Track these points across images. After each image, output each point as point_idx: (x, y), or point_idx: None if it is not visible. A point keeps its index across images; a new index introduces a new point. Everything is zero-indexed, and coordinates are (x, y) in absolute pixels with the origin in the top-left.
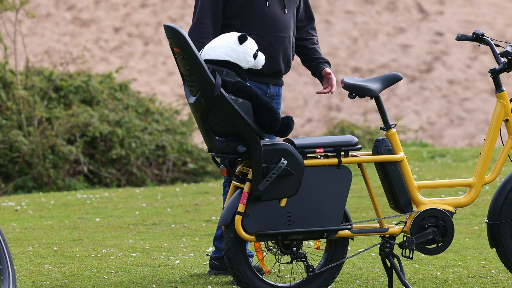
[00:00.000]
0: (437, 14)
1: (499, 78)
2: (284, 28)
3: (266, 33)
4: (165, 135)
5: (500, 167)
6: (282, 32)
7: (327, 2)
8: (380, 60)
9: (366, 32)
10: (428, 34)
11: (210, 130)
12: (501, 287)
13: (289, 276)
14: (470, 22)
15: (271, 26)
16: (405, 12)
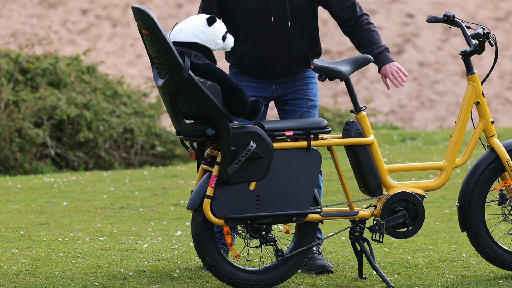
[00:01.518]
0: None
1: (470, 61)
2: (281, 42)
3: (255, 48)
4: (133, 118)
5: (471, 150)
6: (275, 47)
7: None
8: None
9: None
10: (399, 16)
11: (179, 113)
12: (472, 271)
13: (258, 260)
14: (441, 3)
15: (261, 41)
16: None
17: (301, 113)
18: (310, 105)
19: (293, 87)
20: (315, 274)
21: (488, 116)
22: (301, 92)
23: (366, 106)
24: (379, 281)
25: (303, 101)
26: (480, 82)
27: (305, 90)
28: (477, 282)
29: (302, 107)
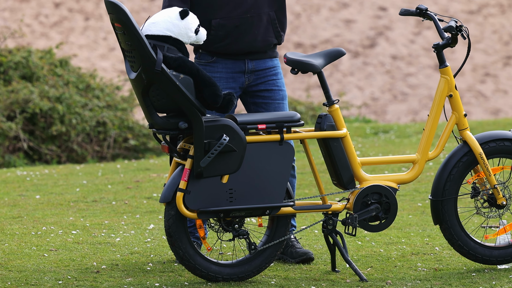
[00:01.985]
0: None
1: (443, 54)
2: (252, 7)
3: (229, 16)
4: (106, 111)
5: (444, 143)
6: (249, 13)
7: None
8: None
9: (309, 7)
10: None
11: (151, 106)
12: (445, 264)
13: (231, 253)
14: None
15: (235, 8)
16: None
17: (274, 106)
18: (281, 96)
19: (264, 77)
20: (296, 263)
21: (461, 109)
22: (272, 83)
23: (338, 99)
24: (352, 274)
25: (275, 93)
26: (452, 75)
27: (275, 81)
28: (450, 275)
29: (275, 99)
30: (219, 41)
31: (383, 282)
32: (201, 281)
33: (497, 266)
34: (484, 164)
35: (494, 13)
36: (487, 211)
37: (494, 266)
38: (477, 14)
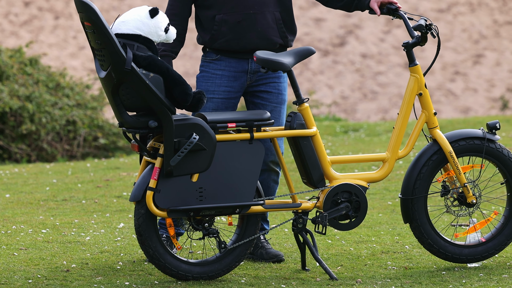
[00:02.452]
0: None
1: (413, 52)
2: (256, 4)
3: (232, 12)
4: (76, 110)
5: (414, 142)
6: (252, 9)
7: None
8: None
9: None
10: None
11: (121, 105)
12: (415, 262)
13: (201, 252)
14: None
15: (238, 4)
16: None
17: (271, 108)
18: (280, 100)
19: (266, 78)
20: (265, 263)
21: (431, 107)
22: (273, 86)
23: (308, 98)
24: (322, 272)
25: (273, 96)
26: (422, 73)
27: (277, 84)
28: (420, 273)
29: (272, 102)
30: (222, 37)
31: (353, 281)
32: (171, 280)
33: (467, 265)
34: (454, 163)
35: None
36: (457, 210)
37: (464, 265)
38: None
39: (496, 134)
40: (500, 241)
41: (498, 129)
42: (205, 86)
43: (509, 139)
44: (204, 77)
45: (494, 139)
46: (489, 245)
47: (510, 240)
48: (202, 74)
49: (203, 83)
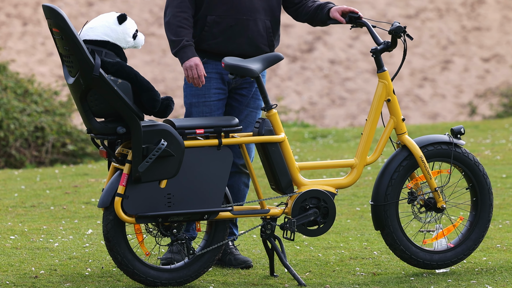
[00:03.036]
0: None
1: (381, 58)
2: (249, 10)
3: (226, 15)
4: (44, 116)
5: (382, 148)
6: (245, 15)
7: None
8: None
9: None
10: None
11: (90, 111)
12: (383, 268)
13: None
14: (352, 2)
15: (232, 8)
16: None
17: (247, 112)
18: (257, 105)
19: (249, 83)
20: (234, 269)
21: (399, 113)
22: (254, 90)
23: (277, 104)
24: (290, 279)
25: (253, 100)
26: (390, 79)
27: (257, 89)
28: (388, 279)
29: (249, 106)
30: (212, 39)
31: (321, 287)
32: (140, 286)
33: (435, 271)
34: (425, 168)
35: (432, 17)
36: (424, 216)
37: (432, 271)
38: (415, 19)
39: (461, 139)
40: (468, 246)
41: (463, 134)
42: (195, 91)
43: (478, 144)
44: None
45: (460, 144)
46: (457, 250)
47: (477, 245)
48: None
49: (193, 88)
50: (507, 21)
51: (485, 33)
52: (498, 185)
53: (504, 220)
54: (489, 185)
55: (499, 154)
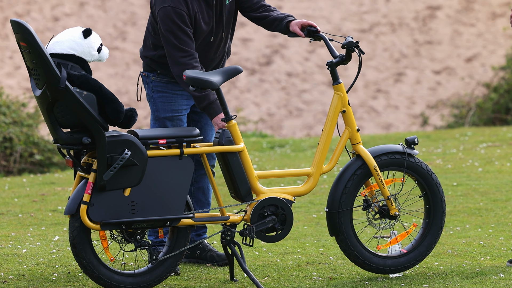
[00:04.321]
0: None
1: (336, 71)
2: (222, 48)
3: (207, 58)
4: (12, 127)
5: (338, 157)
6: (220, 53)
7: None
8: None
9: None
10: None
11: (56, 122)
12: (339, 273)
13: (133, 263)
14: (308, 16)
15: (210, 52)
16: None
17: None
18: None
19: None
20: (218, 266)
21: (354, 124)
22: None
23: (236, 115)
24: (249, 283)
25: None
26: (345, 91)
27: None
28: (343, 283)
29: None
30: None
31: None
32: None
33: (389, 275)
34: (378, 176)
35: (385, 31)
36: (378, 223)
37: (386, 275)
38: (369, 33)
39: (414, 149)
40: (421, 252)
41: (416, 144)
42: (168, 106)
43: (429, 154)
44: (164, 97)
45: (413, 154)
46: (410, 256)
47: (430, 251)
48: (161, 95)
49: (165, 104)
50: (457, 35)
51: (436, 47)
52: (449, 192)
53: (455, 227)
54: (441, 193)
55: (450, 163)
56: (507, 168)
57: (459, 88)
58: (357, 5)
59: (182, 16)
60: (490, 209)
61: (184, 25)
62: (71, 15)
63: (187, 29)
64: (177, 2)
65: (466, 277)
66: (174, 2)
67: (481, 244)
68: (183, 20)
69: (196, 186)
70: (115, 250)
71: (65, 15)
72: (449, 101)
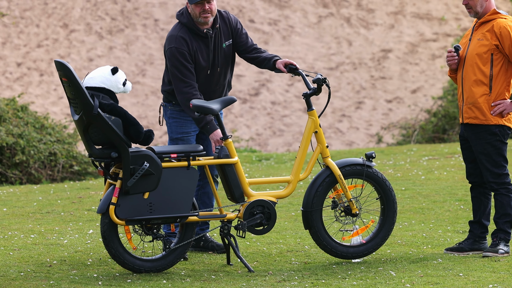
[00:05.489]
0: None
1: (310, 100)
2: (220, 81)
3: (207, 90)
4: (56, 144)
5: (311, 168)
6: (218, 85)
7: None
8: None
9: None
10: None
11: (90, 140)
12: (312, 258)
13: (151, 251)
14: (288, 57)
15: (210, 85)
16: None
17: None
18: None
19: None
20: (218, 253)
21: (324, 142)
22: None
23: (232, 135)
24: (242, 266)
25: None
26: (317, 116)
27: None
28: (316, 267)
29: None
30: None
31: (265, 273)
32: (129, 273)
33: (352, 260)
34: (342, 183)
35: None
36: (344, 219)
37: (349, 260)
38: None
39: (372, 161)
40: (377, 242)
41: (374, 158)
42: (180, 129)
43: (383, 165)
44: (177, 122)
45: (371, 165)
46: (368, 245)
47: (384, 241)
48: (175, 120)
49: (178, 127)
50: (405, 72)
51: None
52: (399, 195)
53: (403, 222)
54: (393, 196)
55: (399, 172)
56: (444, 176)
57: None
58: (326, 48)
59: (184, 55)
60: (431, 208)
61: (186, 61)
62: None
63: (188, 64)
64: (179, 43)
65: (412, 261)
66: (177, 44)
67: (424, 236)
68: (185, 58)
69: (203, 191)
70: (137, 240)
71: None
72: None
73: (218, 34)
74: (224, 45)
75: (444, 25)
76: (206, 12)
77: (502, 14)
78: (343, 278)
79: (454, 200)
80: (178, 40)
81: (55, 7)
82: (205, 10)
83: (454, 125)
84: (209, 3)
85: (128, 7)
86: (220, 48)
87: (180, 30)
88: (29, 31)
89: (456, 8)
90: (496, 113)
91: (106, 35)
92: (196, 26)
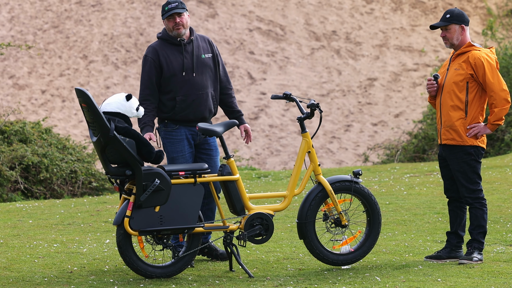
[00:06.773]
0: (261, 80)
1: (304, 123)
2: (201, 87)
3: (188, 94)
4: (77, 163)
5: (305, 184)
6: (200, 91)
7: None
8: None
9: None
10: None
11: (107, 159)
12: (306, 265)
13: (161, 259)
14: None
15: (192, 87)
16: (239, 78)
17: (209, 159)
18: (216, 153)
19: (207, 139)
20: (222, 261)
21: (316, 161)
22: (212, 144)
23: (234, 154)
24: (243, 272)
25: (212, 151)
26: (310, 137)
27: (213, 143)
28: (309, 273)
29: (211, 155)
30: (182, 111)
31: (264, 278)
32: (141, 278)
33: (341, 267)
34: (333, 198)
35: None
36: (334, 230)
37: (339, 267)
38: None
39: (359, 178)
40: (364, 251)
41: (361, 175)
42: (174, 148)
43: (369, 181)
44: (171, 142)
45: (359, 182)
46: (356, 253)
47: (370, 250)
48: (169, 140)
49: (172, 147)
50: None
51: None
52: (383, 209)
53: (387, 233)
54: (378, 210)
55: (384, 188)
56: (424, 191)
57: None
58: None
59: (151, 62)
60: (412, 220)
61: (150, 69)
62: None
63: (152, 72)
64: (150, 52)
65: (395, 268)
66: (148, 52)
67: (405, 245)
68: (151, 65)
69: (207, 207)
70: (149, 249)
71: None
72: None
73: (194, 45)
74: (203, 55)
75: (424, 57)
76: (178, 24)
77: (476, 47)
78: (333, 283)
79: (433, 213)
80: (149, 50)
81: (76, 40)
82: (177, 23)
83: (433, 145)
84: (179, 16)
85: (141, 40)
86: (197, 57)
87: (155, 42)
88: (52, 61)
89: (434, 41)
90: (471, 135)
91: (121, 65)
92: (170, 37)
